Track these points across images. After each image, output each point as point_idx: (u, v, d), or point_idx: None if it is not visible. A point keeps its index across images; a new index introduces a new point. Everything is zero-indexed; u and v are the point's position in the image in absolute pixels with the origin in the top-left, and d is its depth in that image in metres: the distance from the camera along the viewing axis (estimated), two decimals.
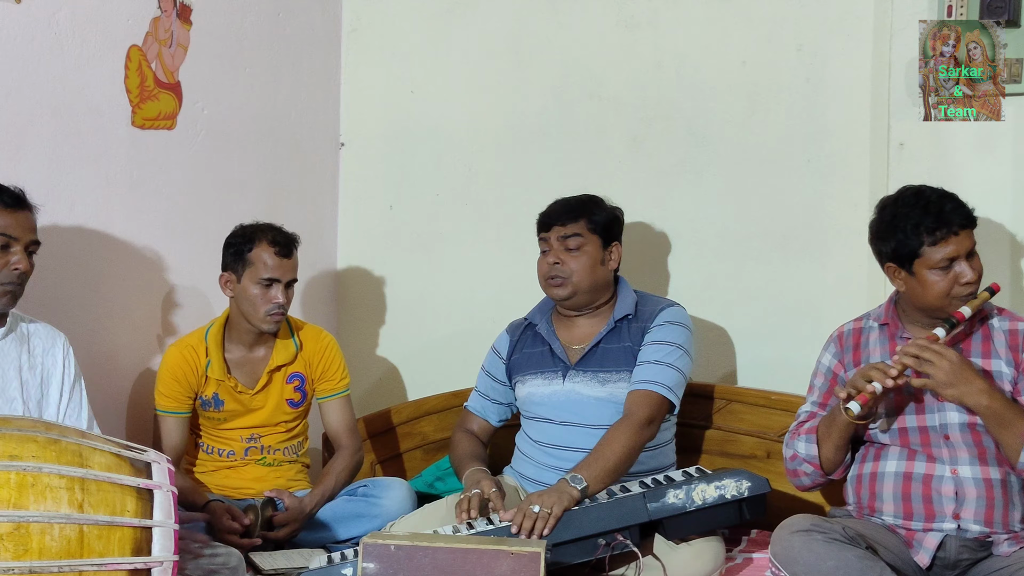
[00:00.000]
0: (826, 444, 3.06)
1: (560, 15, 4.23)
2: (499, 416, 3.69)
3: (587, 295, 3.48)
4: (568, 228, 3.45)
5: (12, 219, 2.90)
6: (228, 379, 3.61)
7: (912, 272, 2.96)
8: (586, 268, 3.45)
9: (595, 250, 3.46)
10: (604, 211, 3.51)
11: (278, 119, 4.29)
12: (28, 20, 3.32)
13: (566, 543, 3.02)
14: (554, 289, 3.48)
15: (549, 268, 3.47)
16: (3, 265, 2.88)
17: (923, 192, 3.00)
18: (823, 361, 3.21)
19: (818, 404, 3.18)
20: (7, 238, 2.88)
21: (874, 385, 2.87)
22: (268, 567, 3.26)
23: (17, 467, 2.32)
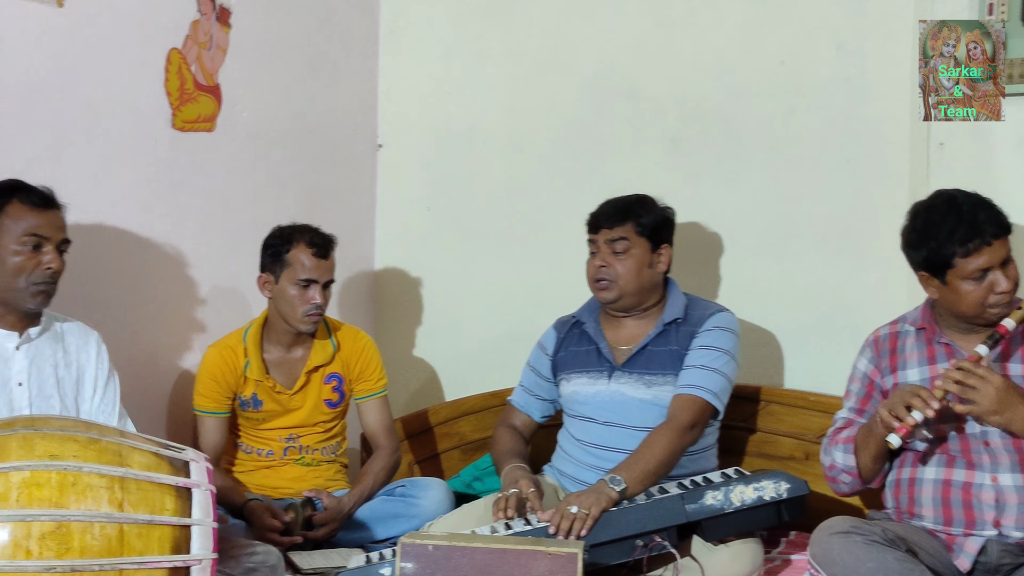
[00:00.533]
0: (863, 454, 3.02)
1: (597, 16, 4.22)
2: (542, 412, 3.68)
3: (634, 298, 3.47)
4: (615, 231, 3.43)
5: (42, 219, 2.93)
6: (266, 379, 3.62)
7: (945, 282, 2.90)
8: (632, 272, 3.43)
9: (642, 253, 3.44)
10: (653, 213, 3.48)
11: (316, 121, 4.31)
12: (70, 24, 3.35)
13: (604, 544, 3.02)
14: (601, 292, 3.47)
15: (596, 271, 3.46)
16: (35, 265, 2.91)
17: (956, 200, 2.92)
18: (859, 367, 3.16)
19: (855, 410, 3.13)
20: (38, 238, 2.91)
21: (914, 416, 2.79)
22: (307, 566, 3.27)
23: (58, 466, 2.34)
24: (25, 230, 2.89)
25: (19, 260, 2.88)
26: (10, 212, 2.89)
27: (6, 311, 2.94)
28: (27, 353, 2.96)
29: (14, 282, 2.89)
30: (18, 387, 2.93)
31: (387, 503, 3.63)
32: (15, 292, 2.90)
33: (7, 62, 3.20)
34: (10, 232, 2.88)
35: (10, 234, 2.88)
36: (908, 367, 3.04)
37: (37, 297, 2.92)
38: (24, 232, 2.89)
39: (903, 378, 3.04)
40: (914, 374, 3.03)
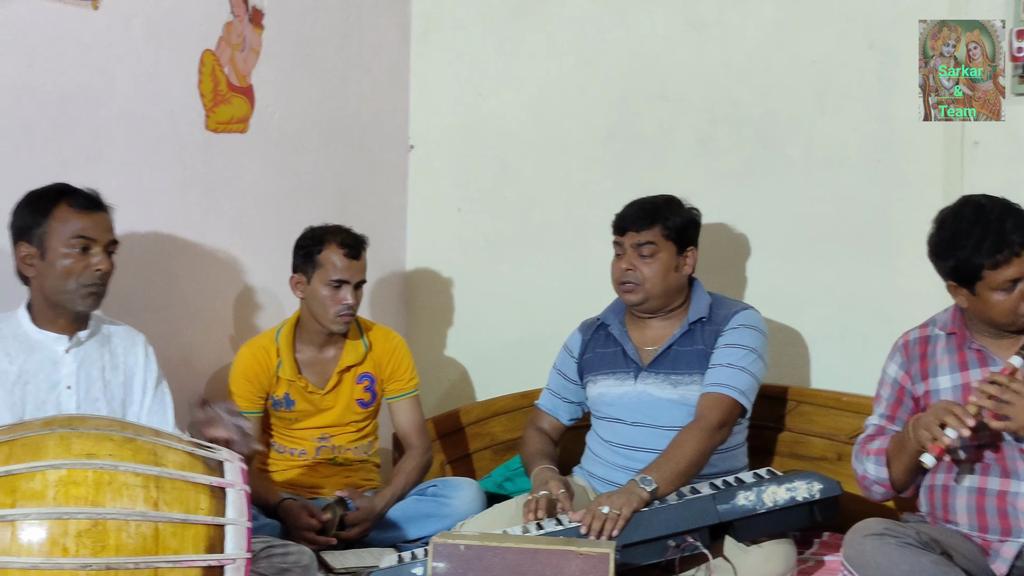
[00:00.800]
0: (896, 467, 2.99)
1: (627, 17, 4.22)
2: (570, 415, 3.68)
3: (660, 300, 3.46)
4: (642, 235, 3.42)
5: (90, 221, 2.94)
6: (299, 379, 3.64)
7: (974, 292, 2.85)
8: (659, 275, 3.42)
9: (669, 256, 3.43)
10: (679, 215, 3.47)
11: (348, 122, 4.33)
12: (105, 27, 3.38)
13: (635, 544, 3.01)
14: (626, 294, 3.47)
15: (622, 273, 3.46)
16: (85, 267, 2.92)
17: (983, 208, 2.85)
18: (889, 371, 3.12)
19: (886, 416, 3.11)
20: (86, 240, 2.92)
21: (948, 434, 2.75)
22: (339, 566, 3.29)
23: (94, 465, 2.36)
24: (73, 233, 2.90)
25: (68, 263, 2.90)
26: (58, 215, 2.90)
27: (56, 314, 2.96)
28: (76, 356, 2.98)
29: (64, 284, 2.91)
30: (66, 390, 2.95)
31: (419, 503, 3.64)
32: (65, 294, 2.92)
33: (43, 65, 3.23)
34: (58, 235, 2.90)
35: (58, 237, 2.90)
36: (939, 373, 3.01)
37: (87, 299, 2.94)
38: (72, 235, 2.90)
39: (934, 385, 3.01)
40: (945, 380, 3.00)
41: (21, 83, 3.18)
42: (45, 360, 2.94)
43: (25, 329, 2.95)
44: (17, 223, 2.94)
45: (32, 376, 2.92)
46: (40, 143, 3.24)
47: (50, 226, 2.90)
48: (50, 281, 2.91)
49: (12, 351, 2.91)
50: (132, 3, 3.45)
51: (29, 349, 2.93)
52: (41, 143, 3.24)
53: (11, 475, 2.32)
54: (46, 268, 2.91)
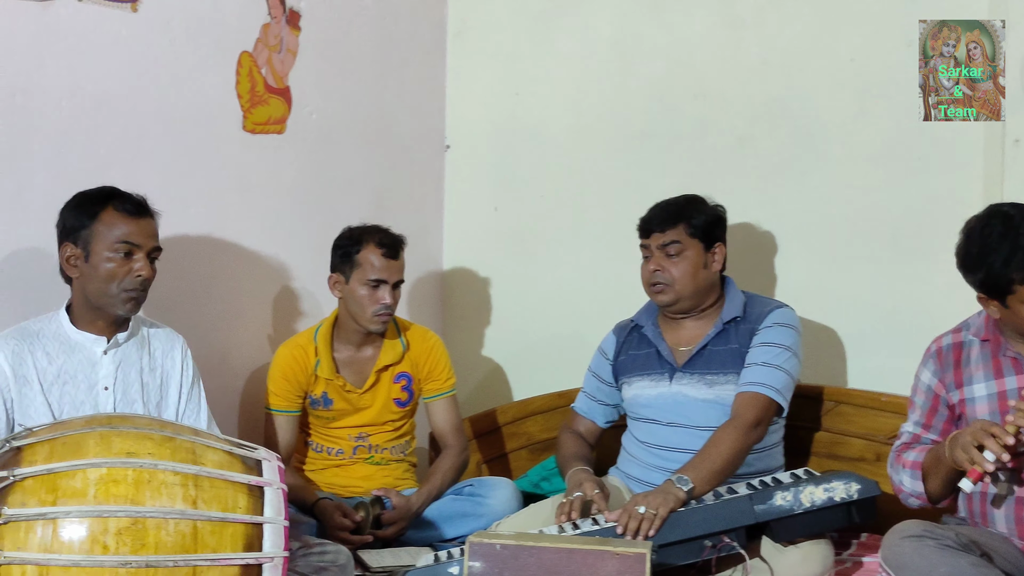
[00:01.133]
0: (932, 482, 2.95)
1: (664, 15, 4.21)
2: (605, 417, 3.68)
3: (691, 299, 3.45)
4: (667, 235, 3.41)
5: (135, 227, 2.96)
6: (337, 378, 3.66)
7: (1006, 305, 2.79)
8: (688, 274, 3.41)
9: (696, 254, 3.42)
10: (703, 213, 3.45)
11: (384, 122, 4.34)
12: (144, 28, 3.41)
13: (672, 544, 3.01)
14: (657, 296, 3.46)
15: (651, 275, 3.45)
16: (127, 272, 2.94)
17: (1011, 220, 2.78)
18: (923, 378, 3.07)
19: (921, 424, 3.06)
20: (131, 245, 2.94)
21: (987, 457, 2.68)
22: (376, 565, 3.30)
23: (134, 464, 2.38)
24: (119, 237, 2.92)
25: (111, 267, 2.92)
26: (105, 219, 2.93)
27: (95, 316, 2.99)
28: (114, 358, 3.01)
29: (106, 288, 2.93)
30: (104, 391, 2.98)
31: (455, 502, 3.64)
32: (107, 298, 2.94)
33: (83, 66, 3.26)
34: (104, 239, 2.92)
35: (104, 241, 2.92)
36: (974, 381, 2.96)
37: (128, 304, 2.96)
38: (117, 239, 2.92)
39: (969, 393, 2.97)
40: (980, 389, 2.95)
41: (61, 85, 3.21)
42: (84, 361, 2.97)
43: (65, 330, 2.98)
44: (64, 223, 2.96)
45: (71, 376, 2.95)
46: (80, 144, 3.27)
47: (96, 229, 2.92)
48: (92, 283, 2.93)
49: (52, 351, 2.94)
50: (170, 5, 3.48)
51: (69, 350, 2.96)
52: (81, 144, 3.27)
53: (52, 473, 2.35)
54: (89, 270, 2.93)
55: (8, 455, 2.41)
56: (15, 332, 2.94)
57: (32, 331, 2.96)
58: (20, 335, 2.93)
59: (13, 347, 2.90)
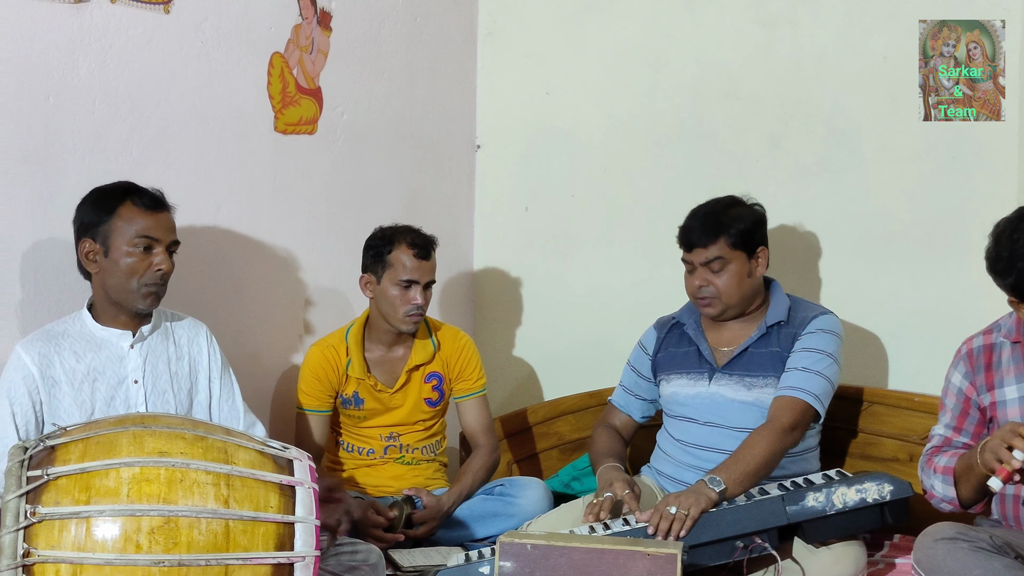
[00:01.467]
0: (963, 487, 2.92)
1: (696, 14, 4.20)
2: (642, 412, 3.66)
3: (738, 307, 3.42)
4: (709, 251, 3.36)
5: (153, 221, 2.98)
6: (368, 378, 3.66)
7: None
8: (733, 287, 3.38)
9: (740, 265, 3.39)
10: (742, 220, 3.40)
11: (415, 122, 4.35)
12: (176, 29, 3.43)
13: (703, 545, 3.00)
14: (705, 308, 3.43)
15: (696, 290, 3.41)
16: (147, 267, 2.96)
17: None
18: (953, 381, 3.05)
19: (951, 427, 3.04)
20: (149, 240, 2.96)
21: (1017, 456, 2.65)
22: (407, 564, 3.30)
23: (167, 463, 2.39)
24: (137, 232, 2.95)
25: (131, 261, 2.94)
26: (122, 214, 2.95)
27: (118, 311, 3.01)
28: (141, 351, 3.03)
29: (126, 283, 2.95)
30: (134, 385, 3.00)
31: (486, 502, 3.64)
32: (127, 293, 2.96)
33: (116, 66, 3.28)
34: (122, 233, 2.94)
35: (122, 235, 2.94)
36: (1005, 384, 2.93)
37: (147, 298, 2.98)
38: (136, 234, 2.95)
39: (1000, 396, 2.94)
40: (1012, 391, 2.92)
41: (95, 85, 3.23)
42: (112, 357, 2.99)
43: (89, 328, 3.00)
44: (82, 219, 2.99)
45: (100, 373, 2.97)
46: (113, 144, 3.29)
47: (114, 224, 2.94)
48: (112, 279, 2.96)
49: (79, 350, 2.96)
50: (203, 6, 3.49)
51: (95, 347, 2.98)
52: (114, 144, 3.29)
53: (86, 472, 2.36)
54: (109, 265, 2.95)
55: (42, 454, 2.42)
56: (40, 335, 2.97)
57: (57, 332, 2.98)
58: (45, 337, 2.96)
59: (39, 349, 2.92)
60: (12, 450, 2.43)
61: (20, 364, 2.90)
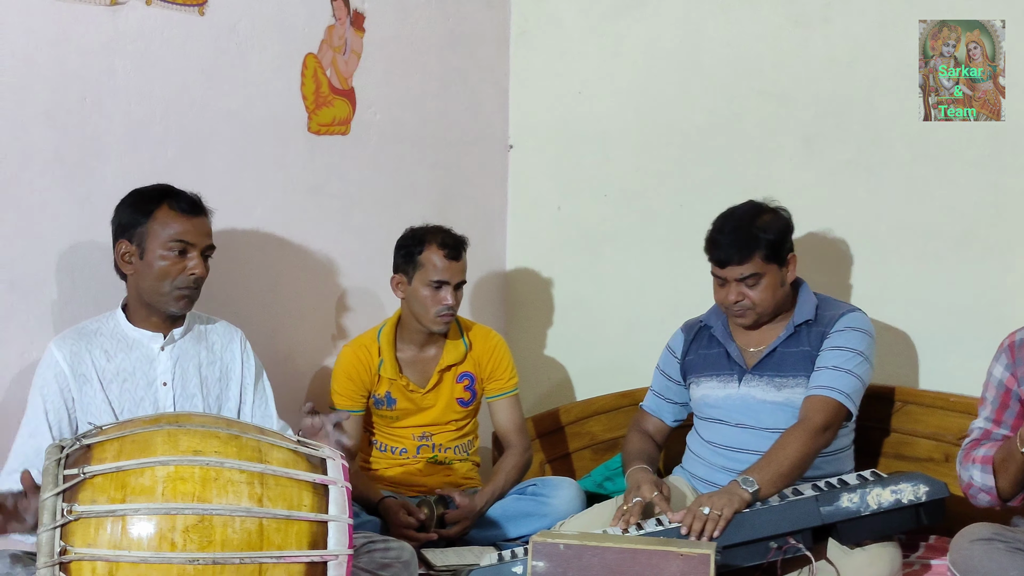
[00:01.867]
0: (1002, 478, 2.91)
1: (729, 13, 4.18)
2: (674, 416, 3.65)
3: (771, 314, 3.41)
4: (744, 268, 3.32)
5: (189, 225, 2.99)
6: (400, 378, 3.67)
7: None
8: (769, 297, 3.36)
9: (773, 276, 3.35)
10: (771, 231, 3.35)
11: (448, 122, 4.35)
12: (211, 32, 3.45)
13: (736, 545, 2.99)
14: (739, 319, 3.41)
15: (731, 304, 3.38)
16: (180, 270, 2.97)
17: None
18: (994, 373, 3.03)
19: (991, 420, 3.03)
20: (184, 244, 2.98)
21: None
22: (440, 563, 3.31)
23: (201, 462, 2.40)
24: (172, 236, 2.96)
25: (165, 265, 2.96)
26: (159, 217, 2.96)
27: (150, 313, 3.03)
28: (171, 354, 3.05)
29: (159, 286, 2.97)
30: (163, 387, 3.02)
31: (519, 502, 3.64)
32: (159, 295, 2.98)
33: (152, 68, 3.30)
34: (158, 237, 2.96)
35: (158, 239, 2.96)
36: None
37: (180, 302, 3.00)
38: (171, 238, 2.96)
39: None
40: None
41: (130, 87, 3.26)
42: (142, 358, 3.01)
43: (122, 328, 3.02)
44: (119, 220, 3.01)
45: (129, 374, 2.99)
46: (148, 145, 3.31)
47: (151, 227, 2.96)
48: (146, 281, 2.97)
49: (110, 349, 2.99)
50: (237, 8, 3.52)
51: (127, 347, 3.01)
52: (149, 145, 3.32)
53: (122, 471, 2.37)
54: (143, 267, 2.97)
55: (79, 453, 2.44)
56: (73, 332, 2.99)
57: (90, 330, 3.00)
58: (78, 335, 2.98)
59: (71, 346, 2.95)
60: (49, 449, 2.45)
61: (52, 361, 2.93)
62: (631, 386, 4.05)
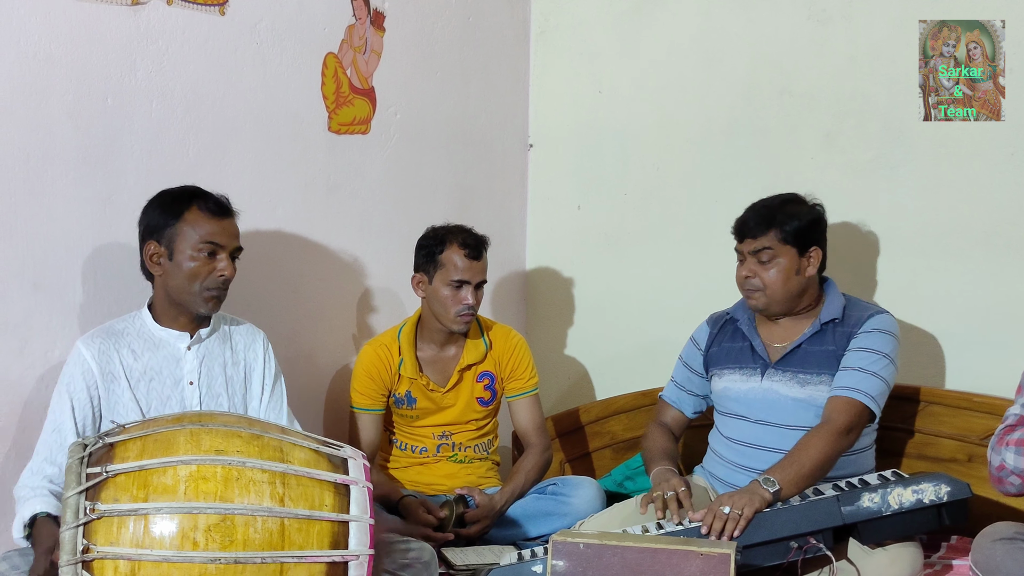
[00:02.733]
0: None
1: (749, 11, 4.17)
2: (694, 408, 3.65)
3: (783, 305, 3.39)
4: (759, 241, 3.34)
5: (219, 227, 3.00)
6: (420, 377, 3.68)
7: None
8: (779, 281, 3.35)
9: (789, 261, 3.35)
10: (798, 217, 3.36)
11: (468, 122, 4.36)
12: (232, 31, 3.46)
13: (757, 545, 2.98)
14: (750, 300, 3.42)
15: (743, 280, 3.40)
16: (209, 272, 2.99)
17: None
18: None
19: None
20: (214, 246, 2.99)
21: None
22: (460, 562, 3.31)
23: (223, 461, 2.41)
24: (202, 237, 2.97)
25: (195, 266, 2.97)
26: (189, 218, 2.97)
27: (178, 313, 3.04)
28: (197, 353, 3.06)
29: (189, 287, 2.98)
30: (189, 386, 3.03)
31: (539, 501, 3.64)
32: (189, 296, 2.99)
33: (172, 69, 3.31)
34: (188, 238, 2.97)
35: (188, 240, 2.97)
36: None
37: (209, 303, 3.01)
38: (202, 239, 2.97)
39: None
40: None
41: (152, 87, 3.27)
42: (168, 357, 3.03)
43: (149, 327, 3.03)
44: (148, 221, 3.01)
45: (156, 373, 3.00)
46: (170, 145, 3.32)
47: (180, 228, 2.97)
48: (175, 281, 2.98)
49: (137, 349, 3.00)
50: (257, 8, 3.52)
51: (153, 347, 3.02)
52: (171, 145, 3.33)
53: (144, 470, 2.39)
54: (173, 268, 2.98)
55: (102, 451, 2.45)
56: (100, 332, 3.01)
57: (117, 330, 3.01)
58: (105, 334, 2.99)
59: (99, 345, 2.96)
60: (72, 447, 2.46)
61: (80, 359, 2.94)
62: (651, 385, 4.05)
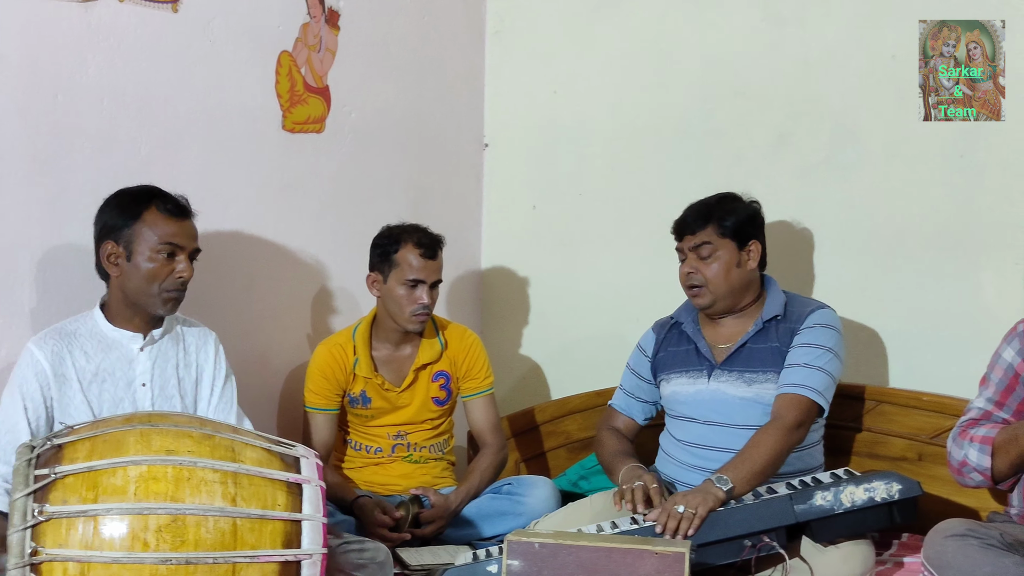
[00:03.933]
0: (1001, 460, 2.92)
1: (704, 13, 4.19)
2: (644, 414, 3.66)
3: (728, 300, 3.42)
4: (698, 236, 3.39)
5: (178, 228, 2.98)
6: (375, 377, 3.66)
7: None
8: (721, 275, 3.39)
9: (729, 254, 3.39)
10: (734, 212, 3.41)
11: (423, 121, 4.35)
12: (185, 29, 3.43)
13: (711, 544, 3.00)
14: (695, 298, 3.44)
15: (686, 277, 3.43)
16: (168, 273, 2.97)
17: None
18: (1004, 356, 3.04)
19: (993, 402, 3.04)
20: (173, 247, 2.96)
21: None
22: (415, 563, 3.30)
23: (174, 461, 2.40)
24: (161, 238, 2.95)
25: (153, 267, 2.95)
26: (148, 219, 2.95)
27: (133, 314, 3.01)
28: (150, 354, 3.03)
29: (147, 288, 2.95)
30: (142, 387, 3.00)
31: (493, 501, 3.64)
32: (147, 297, 2.97)
33: (125, 65, 3.28)
34: (147, 239, 2.94)
35: (146, 241, 2.94)
36: None
37: (167, 304, 2.99)
38: (160, 240, 2.95)
39: None
40: None
41: (103, 85, 3.24)
42: (121, 358, 3.00)
43: (101, 328, 3.00)
44: (105, 221, 2.98)
45: (109, 374, 2.97)
46: (121, 143, 3.29)
47: (139, 229, 2.94)
48: (133, 282, 2.96)
49: (89, 350, 2.97)
50: (211, 5, 3.50)
51: (106, 348, 2.99)
52: (122, 143, 3.29)
53: (93, 471, 2.37)
54: (131, 269, 2.95)
55: (50, 453, 2.43)
56: (52, 332, 2.97)
57: (69, 331, 2.98)
58: (58, 335, 2.96)
59: (52, 347, 2.93)
60: (20, 449, 2.44)
61: (33, 360, 2.91)
62: (606, 385, 4.05)
